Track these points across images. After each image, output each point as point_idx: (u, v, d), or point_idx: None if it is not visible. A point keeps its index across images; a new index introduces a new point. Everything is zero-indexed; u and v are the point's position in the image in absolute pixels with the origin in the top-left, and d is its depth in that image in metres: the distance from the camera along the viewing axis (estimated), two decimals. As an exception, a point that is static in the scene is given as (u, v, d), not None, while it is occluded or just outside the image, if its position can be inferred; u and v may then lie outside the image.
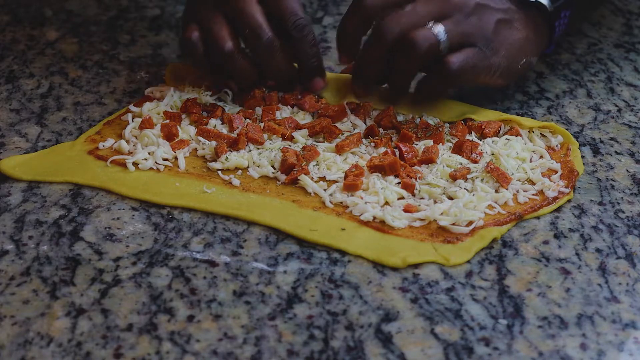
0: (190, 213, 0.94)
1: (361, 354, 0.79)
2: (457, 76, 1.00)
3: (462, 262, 0.88)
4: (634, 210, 0.95)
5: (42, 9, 1.29)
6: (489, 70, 1.02)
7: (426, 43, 0.99)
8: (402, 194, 0.94)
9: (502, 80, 1.04)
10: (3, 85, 1.14)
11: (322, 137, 1.02)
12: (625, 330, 0.81)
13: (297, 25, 1.04)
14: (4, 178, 0.98)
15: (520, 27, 1.04)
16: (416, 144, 1.00)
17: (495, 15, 1.03)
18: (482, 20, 1.02)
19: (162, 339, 0.80)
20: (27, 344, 0.79)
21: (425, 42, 0.99)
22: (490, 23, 1.02)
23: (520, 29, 1.04)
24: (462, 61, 1.00)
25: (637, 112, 1.10)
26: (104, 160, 0.99)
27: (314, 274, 0.87)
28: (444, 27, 1.00)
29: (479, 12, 1.02)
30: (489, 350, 0.79)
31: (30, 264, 0.88)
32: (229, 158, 0.99)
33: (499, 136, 1.02)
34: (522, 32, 1.04)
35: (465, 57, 1.00)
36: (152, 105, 1.06)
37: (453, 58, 1.00)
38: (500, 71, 1.03)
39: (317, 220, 0.92)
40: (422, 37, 0.99)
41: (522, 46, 1.04)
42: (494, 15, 1.03)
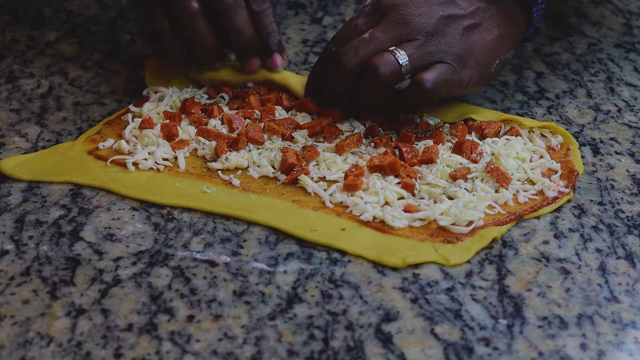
0: (190, 213, 0.94)
1: (361, 354, 0.79)
2: (431, 94, 0.99)
3: (462, 262, 0.88)
4: (634, 210, 0.95)
5: (42, 9, 1.29)
6: (460, 85, 1.01)
7: (388, 68, 0.98)
8: (402, 194, 0.94)
9: (476, 88, 1.03)
10: (3, 85, 1.14)
11: (322, 137, 1.02)
12: (625, 330, 0.81)
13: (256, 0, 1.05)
14: (4, 178, 0.98)
15: (491, 27, 1.02)
16: (416, 144, 1.00)
17: (461, 24, 1.01)
18: (447, 35, 1.00)
19: (162, 339, 0.80)
20: (27, 344, 0.79)
21: (387, 67, 0.98)
22: (456, 36, 1.00)
23: (490, 29, 1.02)
24: (435, 78, 0.99)
25: (637, 112, 1.10)
26: (104, 160, 0.99)
27: (314, 274, 0.87)
28: (405, 52, 0.99)
29: (442, 28, 1.00)
30: (489, 350, 0.79)
31: (30, 264, 0.88)
32: (229, 158, 0.99)
33: (499, 136, 1.02)
34: (492, 32, 1.02)
35: (437, 73, 0.99)
36: (152, 105, 1.06)
37: (426, 75, 0.98)
38: (473, 82, 1.02)
39: (317, 220, 0.92)
40: (384, 62, 0.98)
41: (493, 48, 1.02)
42: (460, 24, 1.01)
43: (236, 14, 1.04)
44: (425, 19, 1.00)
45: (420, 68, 0.99)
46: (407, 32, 1.00)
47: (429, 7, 1.01)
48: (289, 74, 1.08)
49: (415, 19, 1.00)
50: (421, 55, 0.99)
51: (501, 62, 1.04)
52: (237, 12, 1.04)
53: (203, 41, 1.05)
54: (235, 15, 1.04)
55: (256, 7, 1.05)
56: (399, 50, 0.99)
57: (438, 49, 1.00)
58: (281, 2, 1.31)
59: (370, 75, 0.99)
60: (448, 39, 1.00)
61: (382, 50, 0.99)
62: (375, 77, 0.99)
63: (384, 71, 0.98)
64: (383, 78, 0.99)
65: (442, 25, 1.01)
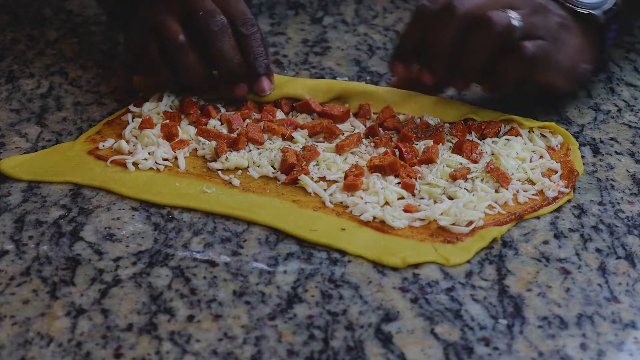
0: (190, 213, 0.94)
1: (361, 354, 0.79)
2: (531, 61, 0.99)
3: (462, 262, 0.88)
4: (634, 210, 0.95)
5: (42, 9, 1.29)
6: (557, 66, 1.01)
7: (502, 22, 0.98)
8: (402, 194, 0.94)
9: (565, 81, 1.04)
10: (3, 85, 1.14)
11: (322, 137, 1.02)
12: (625, 330, 0.81)
13: (247, 22, 1.05)
14: (4, 178, 0.98)
15: (577, 34, 1.03)
16: (416, 144, 1.00)
17: (556, 18, 1.02)
18: (547, 18, 1.01)
19: (162, 339, 0.80)
20: (27, 344, 0.79)
21: (501, 21, 0.98)
22: (553, 22, 1.01)
23: (576, 36, 1.03)
24: (538, 47, 0.99)
25: (637, 112, 1.10)
26: (104, 160, 0.99)
27: (314, 274, 0.87)
28: (518, 13, 0.99)
29: (543, 10, 1.01)
30: (489, 350, 0.79)
31: (30, 264, 0.88)
32: (229, 158, 0.99)
33: (498, 136, 1.02)
34: (578, 38, 1.03)
35: (540, 45, 0.99)
36: (152, 105, 1.06)
37: (528, 43, 0.99)
38: (565, 71, 1.02)
39: (317, 220, 0.92)
40: (498, 16, 0.98)
41: (580, 51, 1.03)
42: (555, 17, 1.02)
43: (222, 41, 1.04)
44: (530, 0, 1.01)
45: (526, 37, 0.99)
46: (514, 2, 1.00)
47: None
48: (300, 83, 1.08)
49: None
50: (530, 23, 1.00)
51: (585, 70, 1.05)
52: (223, 38, 1.04)
53: (192, 72, 1.04)
54: (221, 42, 1.04)
55: (245, 31, 1.05)
56: (512, 11, 0.99)
57: (541, 25, 1.00)
58: (281, 2, 1.31)
59: (483, 27, 0.98)
60: (547, 22, 1.01)
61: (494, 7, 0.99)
62: (489, 28, 0.98)
63: (498, 23, 0.98)
64: (496, 30, 0.98)
65: (542, 9, 1.02)
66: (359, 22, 1.28)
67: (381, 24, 1.27)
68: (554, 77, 1.02)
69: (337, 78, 1.15)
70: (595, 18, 1.04)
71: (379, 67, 1.18)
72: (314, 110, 1.05)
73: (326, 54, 1.20)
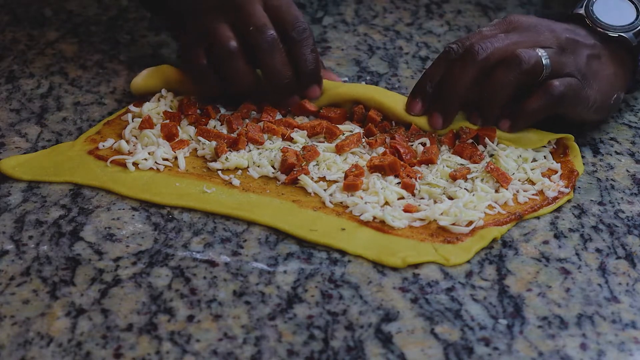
0: (190, 213, 0.94)
1: (361, 354, 0.79)
2: (559, 99, 0.98)
3: (462, 262, 0.88)
4: (634, 210, 0.95)
5: (42, 9, 1.29)
6: (587, 102, 1.00)
7: (532, 60, 0.97)
8: (402, 194, 0.94)
9: (596, 115, 1.03)
10: (3, 85, 1.14)
11: (322, 137, 1.02)
12: (625, 330, 0.81)
13: (298, 28, 1.04)
14: (4, 178, 0.98)
15: (608, 63, 1.02)
16: (412, 144, 1.00)
17: (585, 51, 1.01)
18: (575, 53, 1.00)
19: (162, 339, 0.80)
20: (27, 344, 0.79)
21: (531, 59, 0.97)
22: (583, 57, 1.00)
23: (608, 64, 1.02)
24: (566, 85, 0.98)
25: (637, 112, 1.10)
26: (104, 160, 0.99)
27: (314, 274, 0.87)
28: (546, 52, 0.98)
29: (570, 46, 1.00)
30: (489, 350, 0.79)
31: (30, 264, 0.88)
32: (229, 158, 0.99)
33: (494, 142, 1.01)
34: (610, 67, 1.02)
35: (569, 83, 0.98)
36: (152, 105, 1.06)
37: (556, 81, 0.98)
38: (596, 105, 1.01)
39: (317, 220, 0.92)
40: (528, 54, 0.97)
41: (612, 81, 1.02)
42: (584, 50, 1.01)
43: (272, 57, 1.03)
44: (556, 35, 1.00)
45: (554, 75, 0.98)
46: (541, 40, 0.99)
47: (557, 27, 1.01)
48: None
49: (547, 33, 1.00)
50: (557, 61, 0.98)
51: (617, 99, 1.04)
52: (274, 55, 1.03)
53: (241, 79, 1.03)
54: (271, 59, 1.03)
55: (296, 36, 1.04)
56: (539, 49, 0.98)
57: (569, 62, 0.99)
58: (281, 2, 1.31)
59: (512, 64, 0.97)
60: (576, 57, 1.00)
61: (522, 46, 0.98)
62: (519, 65, 0.97)
63: (528, 61, 0.97)
64: (526, 67, 0.97)
65: (570, 44, 1.00)
66: (359, 22, 1.28)
67: (381, 24, 1.27)
68: (584, 112, 1.01)
69: (337, 78, 1.15)
70: (626, 41, 1.03)
71: (379, 67, 1.18)
72: (310, 111, 1.05)
73: (326, 54, 1.20)
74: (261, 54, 1.03)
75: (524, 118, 1.00)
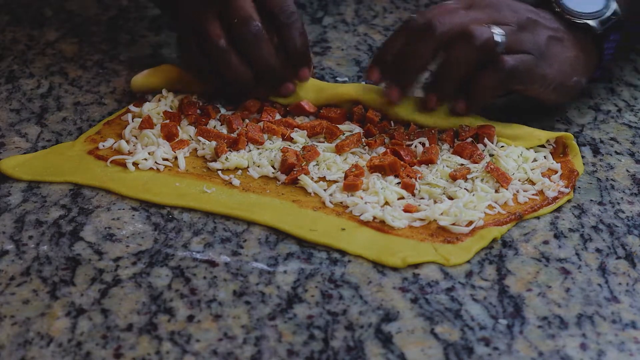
0: (190, 213, 0.94)
1: (361, 354, 0.79)
2: (510, 74, 0.98)
3: (462, 262, 0.88)
4: (634, 210, 0.95)
5: (42, 9, 1.29)
6: (543, 80, 1.00)
7: (484, 36, 0.97)
8: (402, 194, 0.94)
9: (555, 95, 1.03)
10: (3, 85, 1.14)
11: (322, 137, 1.02)
12: (625, 330, 0.81)
13: (286, 11, 1.04)
14: (4, 178, 0.98)
15: (570, 46, 1.03)
16: (410, 144, 1.00)
17: (546, 32, 1.01)
18: (535, 33, 1.01)
19: (162, 339, 0.80)
20: (27, 344, 0.79)
21: (483, 36, 0.97)
22: (543, 37, 1.01)
23: (570, 48, 1.03)
24: (518, 61, 0.98)
25: (637, 112, 1.10)
26: (104, 160, 0.99)
27: (314, 274, 0.87)
28: (502, 29, 0.99)
29: (531, 25, 1.01)
30: (489, 350, 0.79)
31: (30, 264, 0.88)
32: (229, 158, 0.99)
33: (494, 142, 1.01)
34: (572, 50, 1.03)
35: (521, 59, 0.99)
36: (152, 105, 1.06)
37: (508, 57, 0.98)
38: (554, 85, 1.01)
39: (317, 220, 0.92)
40: (480, 31, 0.98)
41: (573, 64, 1.02)
42: (545, 31, 1.01)
43: (259, 47, 1.03)
44: (517, 14, 1.01)
45: (510, 51, 0.99)
46: (500, 17, 1.00)
47: (519, 7, 1.02)
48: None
49: (507, 11, 1.01)
50: (513, 39, 0.99)
51: (579, 83, 1.04)
52: (260, 44, 1.03)
53: (236, 75, 1.04)
54: (258, 49, 1.03)
55: (284, 19, 1.04)
56: (495, 27, 0.99)
57: (528, 40, 1.00)
58: (281, 2, 1.31)
59: (464, 41, 0.98)
60: (536, 37, 1.00)
61: (477, 23, 0.99)
62: (470, 41, 0.97)
63: (480, 36, 0.97)
64: (478, 43, 0.97)
65: (531, 24, 1.01)
66: (359, 22, 1.28)
67: (381, 24, 1.27)
68: (541, 91, 1.02)
69: (337, 78, 1.15)
70: (591, 29, 1.04)
71: (379, 67, 1.18)
72: (308, 112, 1.05)
73: (326, 54, 1.20)
74: (246, 46, 1.03)
75: (477, 95, 1.00)
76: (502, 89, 1.01)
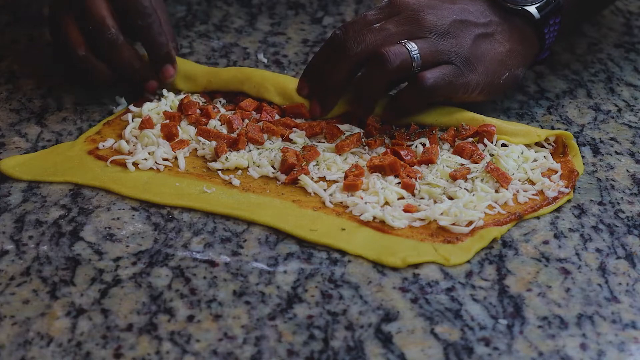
0: (190, 213, 0.94)
1: (361, 354, 0.79)
2: (430, 92, 0.98)
3: (462, 262, 0.88)
4: (634, 210, 0.95)
5: (42, 9, 1.29)
6: (466, 88, 1.00)
7: (398, 59, 0.98)
8: (402, 194, 0.94)
9: (482, 96, 1.03)
10: (3, 85, 1.14)
11: (322, 137, 1.02)
12: (625, 330, 0.81)
13: (142, 13, 1.06)
14: (4, 178, 0.98)
15: (503, 40, 1.02)
16: (411, 144, 1.00)
17: (474, 31, 1.01)
18: (459, 37, 1.00)
19: (162, 339, 0.80)
20: (27, 344, 0.79)
21: (397, 58, 0.97)
22: (468, 39, 1.00)
23: (502, 42, 1.02)
24: (437, 77, 0.98)
25: (637, 112, 1.10)
26: (104, 160, 0.99)
27: (314, 274, 0.87)
28: (416, 45, 0.98)
29: (455, 29, 1.00)
30: (489, 350, 0.79)
31: (30, 264, 0.88)
32: (229, 158, 0.99)
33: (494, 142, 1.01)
34: (504, 45, 1.02)
35: (441, 73, 0.99)
36: (152, 105, 1.06)
37: (427, 73, 0.98)
38: (480, 88, 1.01)
39: (317, 220, 0.92)
40: (394, 52, 0.98)
41: (504, 60, 1.02)
42: (472, 31, 1.01)
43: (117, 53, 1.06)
44: (439, 20, 1.00)
45: (429, 65, 0.99)
46: (418, 29, 1.00)
47: (444, 10, 1.01)
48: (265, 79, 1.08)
49: (429, 18, 1.00)
50: (432, 52, 0.99)
51: (512, 77, 1.03)
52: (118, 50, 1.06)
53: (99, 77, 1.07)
54: (116, 55, 1.06)
55: (141, 22, 1.06)
56: (410, 43, 0.98)
57: (448, 49, 0.99)
58: (281, 2, 1.31)
59: (377, 64, 0.98)
60: (459, 42, 1.00)
61: (391, 41, 0.99)
62: (383, 65, 0.98)
63: (394, 60, 0.98)
64: (392, 67, 0.98)
65: (454, 28, 1.00)
66: (359, 22, 1.27)
67: (381, 24, 1.27)
68: (465, 97, 1.01)
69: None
70: (530, 15, 1.03)
71: (379, 67, 1.18)
72: (305, 116, 1.05)
73: (326, 54, 1.20)
74: (105, 53, 1.06)
75: (401, 111, 1.02)
76: (424, 103, 1.01)
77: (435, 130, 1.01)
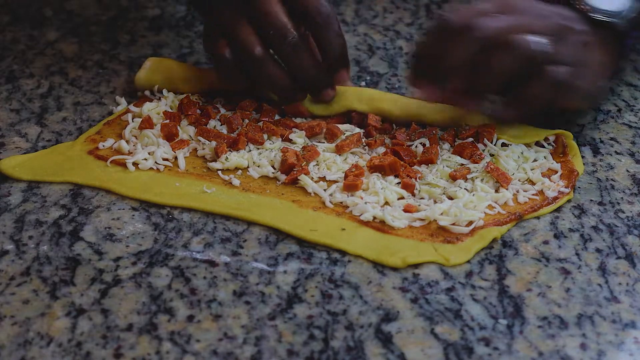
0: (190, 213, 0.94)
1: (361, 354, 0.79)
2: (558, 87, 0.96)
3: (462, 262, 0.88)
4: (634, 210, 0.95)
5: (42, 9, 1.29)
6: (578, 92, 0.98)
7: (532, 45, 0.94)
8: (402, 194, 0.94)
9: (583, 104, 1.01)
10: (3, 85, 1.14)
11: (322, 137, 1.02)
12: (625, 330, 0.81)
13: (322, 12, 1.02)
14: (4, 178, 0.98)
15: (596, 51, 1.00)
16: (411, 144, 1.00)
17: (578, 38, 0.98)
18: (570, 42, 0.97)
19: (162, 339, 0.80)
20: (27, 344, 0.80)
21: (529, 45, 0.94)
22: (578, 46, 0.98)
23: (597, 52, 1.00)
24: (565, 73, 0.96)
25: (637, 112, 1.10)
26: (104, 160, 0.99)
27: (314, 274, 0.87)
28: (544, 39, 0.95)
29: (565, 34, 0.97)
30: (489, 350, 0.79)
31: (30, 264, 0.88)
32: (229, 158, 0.99)
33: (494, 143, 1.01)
34: (599, 54, 1.00)
35: (566, 71, 0.96)
36: (152, 105, 1.06)
37: (554, 68, 0.95)
38: (584, 93, 0.99)
39: (317, 220, 0.92)
40: (525, 40, 0.94)
41: (600, 69, 1.00)
42: (577, 38, 0.98)
43: (298, 58, 1.01)
44: (547, 20, 0.97)
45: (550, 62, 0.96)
46: (539, 27, 0.96)
47: (550, 14, 0.98)
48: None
49: (538, 17, 0.97)
50: (554, 50, 0.96)
51: (601, 88, 1.02)
52: (299, 55, 1.01)
53: (274, 83, 1.02)
54: (298, 59, 1.01)
55: (320, 21, 1.02)
56: (537, 36, 0.95)
57: (565, 51, 0.97)
58: (281, 2, 1.31)
59: (505, 49, 0.94)
60: (571, 47, 0.97)
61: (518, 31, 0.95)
62: (512, 50, 0.94)
63: (526, 46, 0.94)
64: (524, 53, 0.94)
65: (565, 33, 0.97)
66: (359, 22, 1.28)
67: (381, 24, 1.27)
68: (574, 100, 1.00)
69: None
70: (615, 26, 1.01)
71: (379, 67, 1.18)
72: (305, 115, 1.05)
73: (326, 54, 1.20)
74: (285, 58, 1.02)
75: (525, 104, 0.98)
76: (547, 101, 0.98)
77: (435, 130, 1.01)
